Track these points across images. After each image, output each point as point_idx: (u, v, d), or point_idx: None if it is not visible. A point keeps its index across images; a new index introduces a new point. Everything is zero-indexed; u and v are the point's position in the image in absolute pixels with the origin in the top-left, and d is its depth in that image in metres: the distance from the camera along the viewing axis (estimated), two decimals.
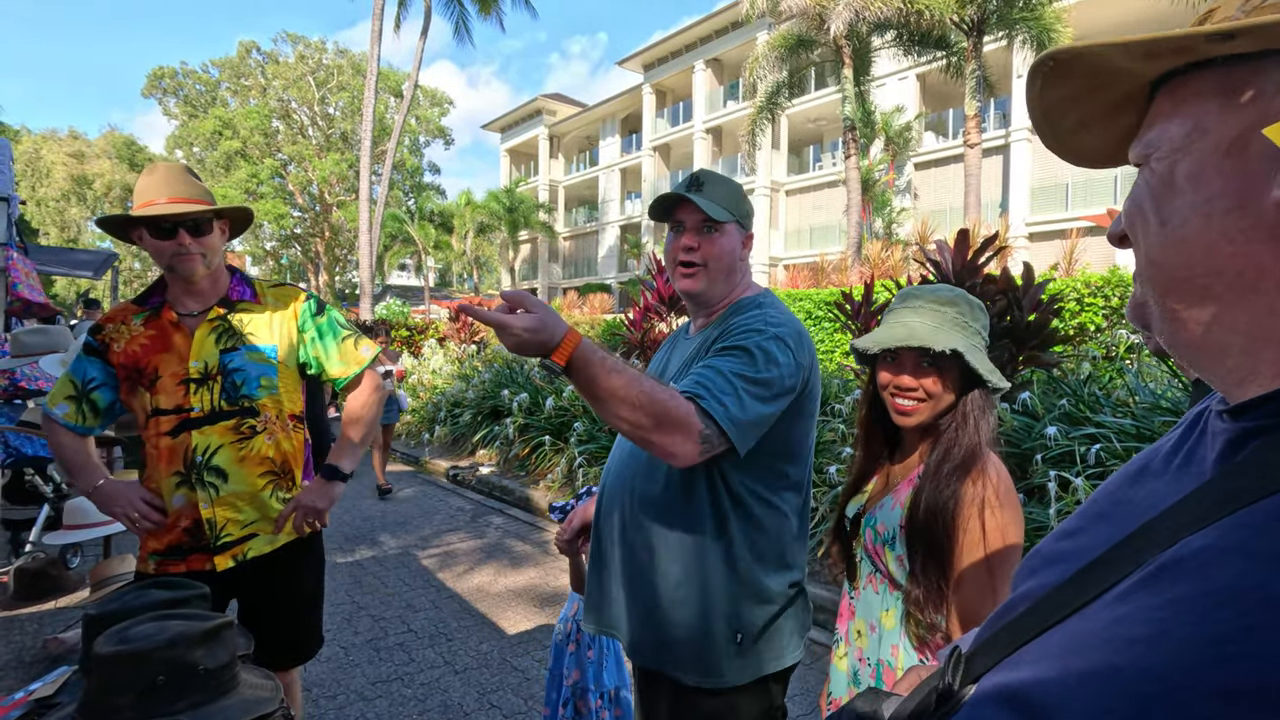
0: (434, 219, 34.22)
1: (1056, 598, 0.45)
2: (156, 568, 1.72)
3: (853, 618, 1.34)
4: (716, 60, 28.16)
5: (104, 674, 1.11)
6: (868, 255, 14.21)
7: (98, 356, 1.73)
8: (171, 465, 1.69)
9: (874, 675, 1.26)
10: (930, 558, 1.18)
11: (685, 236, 1.38)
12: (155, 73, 36.93)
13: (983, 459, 1.21)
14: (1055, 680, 0.39)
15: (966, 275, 4.60)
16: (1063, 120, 0.49)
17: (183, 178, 1.71)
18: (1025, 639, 0.45)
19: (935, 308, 1.26)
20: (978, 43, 14.61)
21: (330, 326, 1.89)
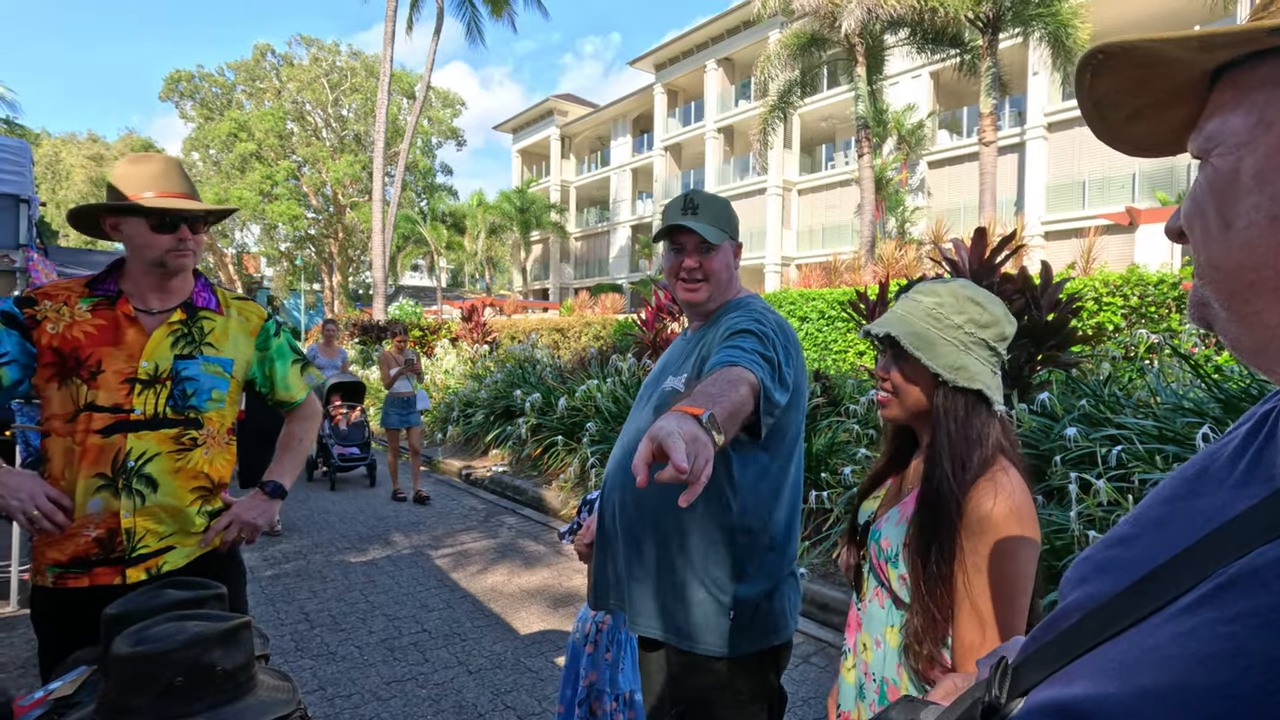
0: (446, 220, 34.38)
1: (1112, 609, 0.43)
2: (55, 581, 1.54)
3: (859, 630, 1.29)
4: (728, 59, 28.10)
5: (122, 674, 1.11)
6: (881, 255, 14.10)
7: (18, 330, 1.54)
8: (95, 466, 1.54)
9: (878, 691, 1.21)
10: (930, 583, 1.08)
11: (687, 258, 1.56)
12: (172, 76, 37.34)
13: (991, 468, 1.10)
14: (1116, 697, 0.37)
15: (983, 274, 4.55)
16: (1115, 111, 0.47)
17: (180, 173, 1.68)
18: (1079, 652, 0.43)
19: (915, 298, 1.21)
20: (993, 40, 14.47)
21: (285, 350, 1.87)
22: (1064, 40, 13.91)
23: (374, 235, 20.27)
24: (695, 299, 1.58)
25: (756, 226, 26.46)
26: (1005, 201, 19.14)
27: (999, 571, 1.04)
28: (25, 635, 3.42)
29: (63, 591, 1.55)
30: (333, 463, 7.06)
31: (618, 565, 1.56)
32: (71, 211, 1.67)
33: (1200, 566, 0.39)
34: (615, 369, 7.40)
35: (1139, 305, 7.10)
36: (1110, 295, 7.31)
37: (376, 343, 16.16)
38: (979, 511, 1.06)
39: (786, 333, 1.48)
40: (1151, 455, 3.25)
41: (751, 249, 26.47)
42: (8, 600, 3.72)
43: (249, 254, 41.24)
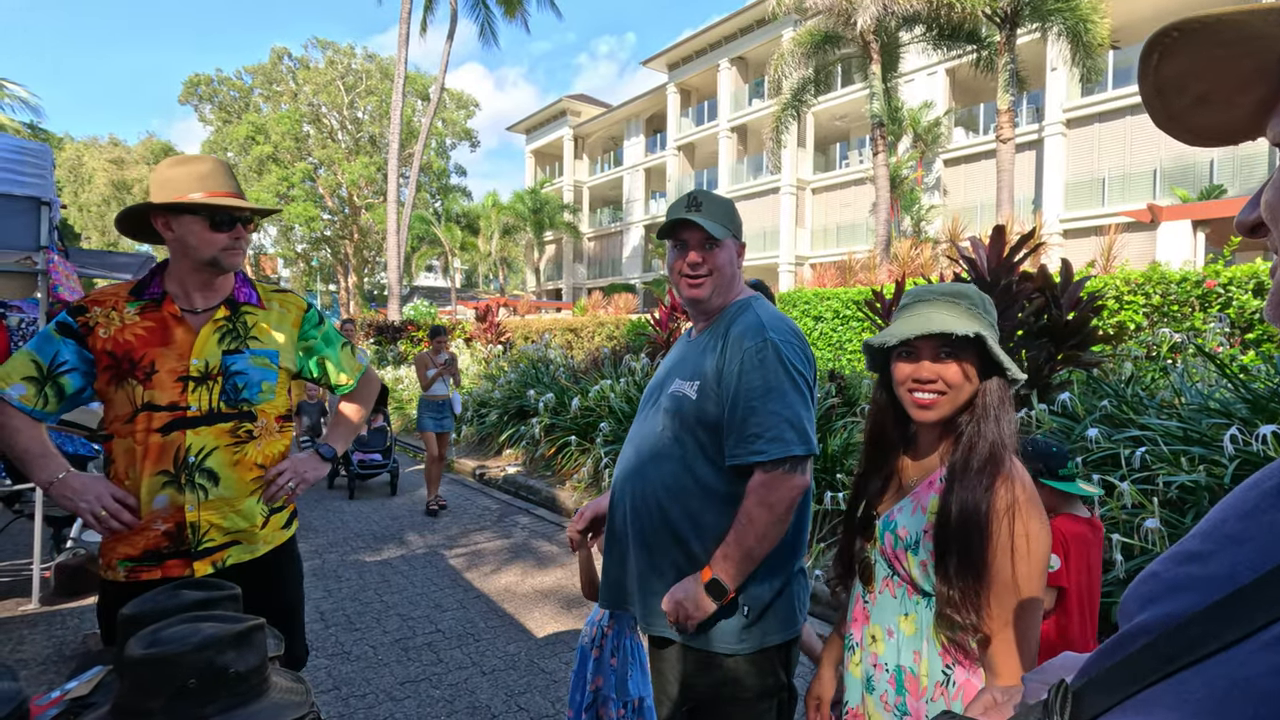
0: (460, 220, 34.56)
1: (1190, 632, 0.39)
2: (128, 575, 1.60)
3: (867, 622, 1.30)
4: (741, 58, 27.99)
5: (135, 676, 1.10)
6: (896, 253, 13.99)
7: (73, 339, 1.60)
8: (158, 464, 1.59)
9: (893, 681, 1.23)
10: (964, 562, 1.14)
11: (690, 253, 1.56)
12: (191, 80, 37.84)
13: (1010, 459, 1.17)
14: None
15: (1002, 273, 4.49)
16: (1179, 97, 0.45)
17: (228, 173, 1.72)
18: (1153, 678, 0.40)
19: (949, 300, 1.24)
20: (1011, 35, 14.30)
21: (332, 335, 1.93)
22: (1083, 35, 13.71)
23: (389, 236, 20.41)
24: (699, 295, 1.57)
25: (770, 226, 26.33)
26: (1023, 199, 18.90)
27: (1032, 554, 1.12)
28: (47, 633, 3.46)
29: (135, 584, 1.59)
30: (352, 469, 6.75)
31: (627, 565, 1.59)
32: (124, 211, 1.70)
33: None
34: (629, 369, 7.38)
35: (1161, 304, 6.97)
36: (1132, 294, 7.19)
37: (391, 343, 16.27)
38: (1007, 498, 1.14)
39: (799, 344, 1.50)
40: (1177, 457, 3.18)
41: (765, 248, 26.34)
42: (30, 598, 3.78)
43: (266, 255, 41.68)
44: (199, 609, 1.34)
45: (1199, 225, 12.24)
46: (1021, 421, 4.05)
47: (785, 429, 1.39)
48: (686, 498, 1.49)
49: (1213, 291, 6.68)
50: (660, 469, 1.52)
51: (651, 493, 1.52)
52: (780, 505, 1.39)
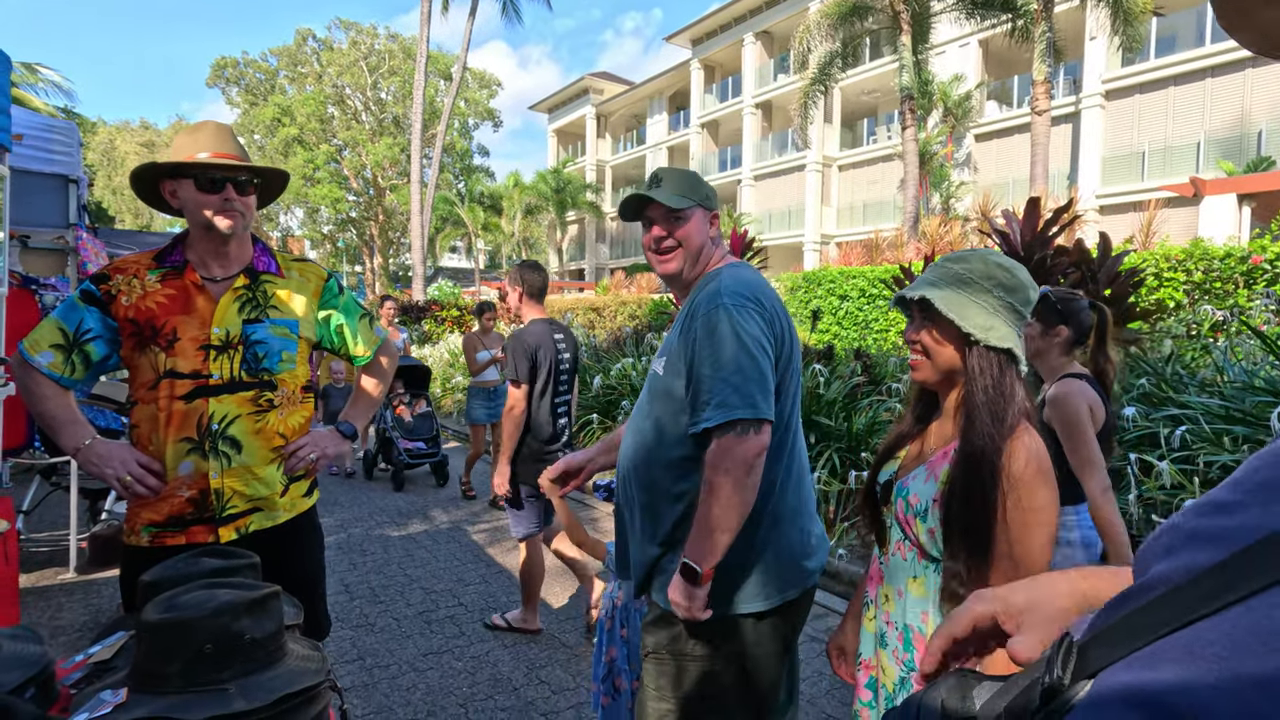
0: (483, 201, 34.56)
1: (1209, 583, 0.36)
2: (152, 540, 1.62)
3: (881, 582, 1.35)
4: (766, 33, 27.41)
5: (153, 640, 1.11)
6: (925, 231, 13.68)
7: (97, 306, 1.61)
8: (182, 430, 1.60)
9: (901, 638, 1.27)
10: (969, 535, 1.15)
11: (655, 228, 1.57)
12: (218, 63, 38.16)
13: (1017, 426, 1.16)
14: (1214, 687, 0.32)
15: (1036, 247, 4.35)
16: None
17: (229, 138, 1.70)
18: (1164, 630, 0.37)
19: (945, 265, 1.25)
20: (1048, 3, 13.76)
21: (352, 306, 1.91)
22: (1125, 2, 13.15)
23: (413, 217, 20.51)
24: (670, 269, 1.56)
25: (795, 204, 25.93)
26: (1058, 174, 18.34)
27: (1031, 525, 1.12)
28: (84, 601, 3.56)
29: (159, 550, 1.60)
30: (399, 459, 6.20)
31: (630, 536, 1.63)
32: (133, 175, 1.69)
33: None
34: (650, 348, 7.34)
35: (1203, 280, 6.72)
36: (1172, 270, 6.94)
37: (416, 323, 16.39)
38: (1012, 469, 1.13)
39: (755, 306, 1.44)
40: (1219, 436, 3.06)
41: (790, 227, 25.97)
42: (67, 567, 3.89)
43: (293, 237, 42.21)
44: (218, 576, 1.34)
45: (1245, 199, 11.74)
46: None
47: (729, 393, 1.37)
48: (659, 470, 1.51)
49: (1259, 268, 6.42)
50: (645, 445, 1.55)
51: (641, 467, 1.56)
52: (737, 469, 1.35)
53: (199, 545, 1.60)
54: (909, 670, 1.25)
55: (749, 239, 7.58)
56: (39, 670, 1.24)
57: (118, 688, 1.10)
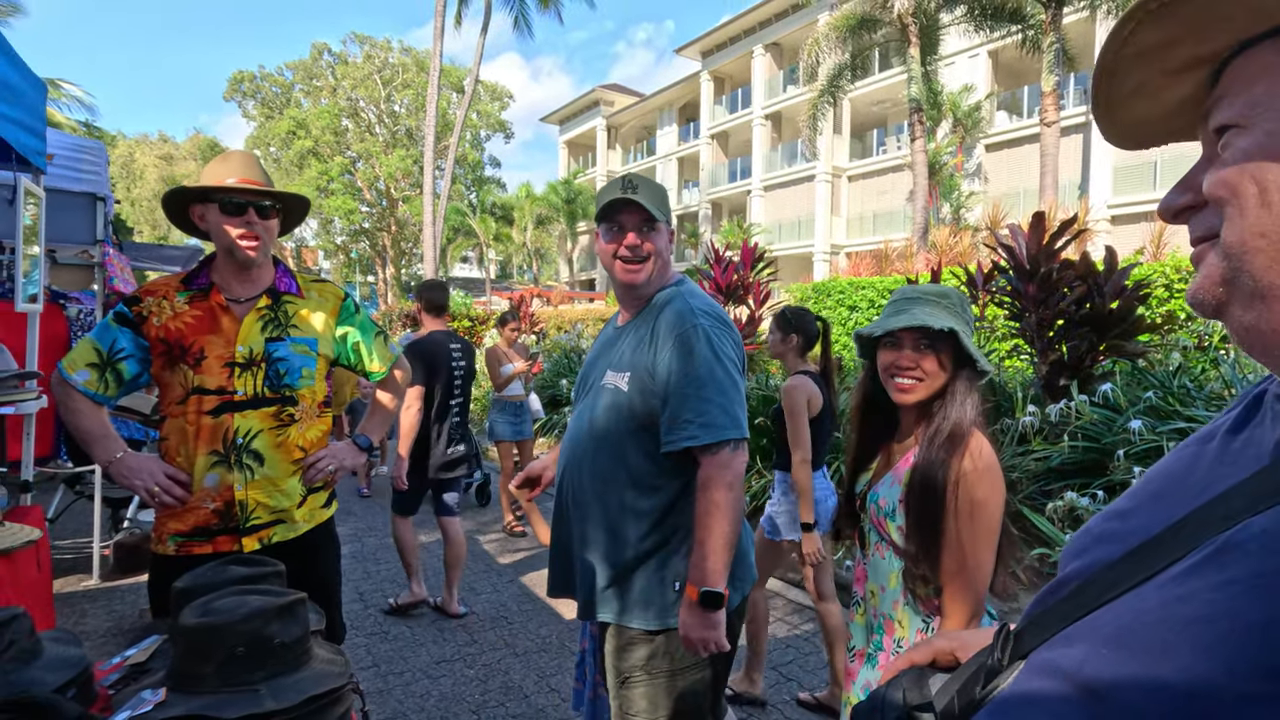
0: (495, 212, 34.88)
1: (1108, 576, 0.45)
2: (178, 549, 1.69)
3: (866, 580, 1.51)
4: (776, 45, 27.59)
5: (189, 643, 1.17)
6: (934, 241, 13.70)
7: (130, 327, 1.71)
8: (209, 444, 1.68)
9: (880, 626, 1.45)
10: (924, 526, 1.31)
11: (629, 235, 1.54)
12: (235, 77, 38.83)
13: (969, 436, 1.33)
14: (1107, 659, 0.40)
15: (1042, 260, 4.38)
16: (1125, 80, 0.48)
17: (255, 166, 1.79)
18: (1077, 616, 0.46)
19: (933, 299, 1.41)
20: (1057, 14, 13.80)
21: (368, 324, 2.00)
22: None
23: (425, 228, 20.72)
24: (636, 280, 1.55)
25: (805, 214, 25.99)
26: (1068, 185, 18.30)
27: (976, 517, 1.29)
28: (107, 607, 3.65)
29: (186, 558, 1.68)
30: None
31: (572, 553, 1.61)
32: (164, 199, 1.78)
33: (1191, 537, 0.41)
34: None
35: None
36: (1182, 281, 6.94)
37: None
38: (963, 469, 1.30)
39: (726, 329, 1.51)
40: None
41: (800, 237, 26.02)
42: (91, 574, 3.98)
43: (307, 248, 42.71)
44: (246, 583, 1.41)
45: None
46: (1061, 412, 3.96)
47: (717, 413, 1.41)
48: (620, 488, 1.50)
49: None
50: (594, 460, 1.54)
51: (588, 483, 1.54)
52: (737, 483, 1.42)
53: (224, 554, 1.66)
54: (877, 649, 1.44)
55: (759, 250, 7.63)
56: (80, 671, 1.31)
57: (157, 688, 1.17)
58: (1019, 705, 0.46)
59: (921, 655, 0.73)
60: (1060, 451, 3.82)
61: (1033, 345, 4.57)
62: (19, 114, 2.19)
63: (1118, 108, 0.50)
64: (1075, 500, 3.24)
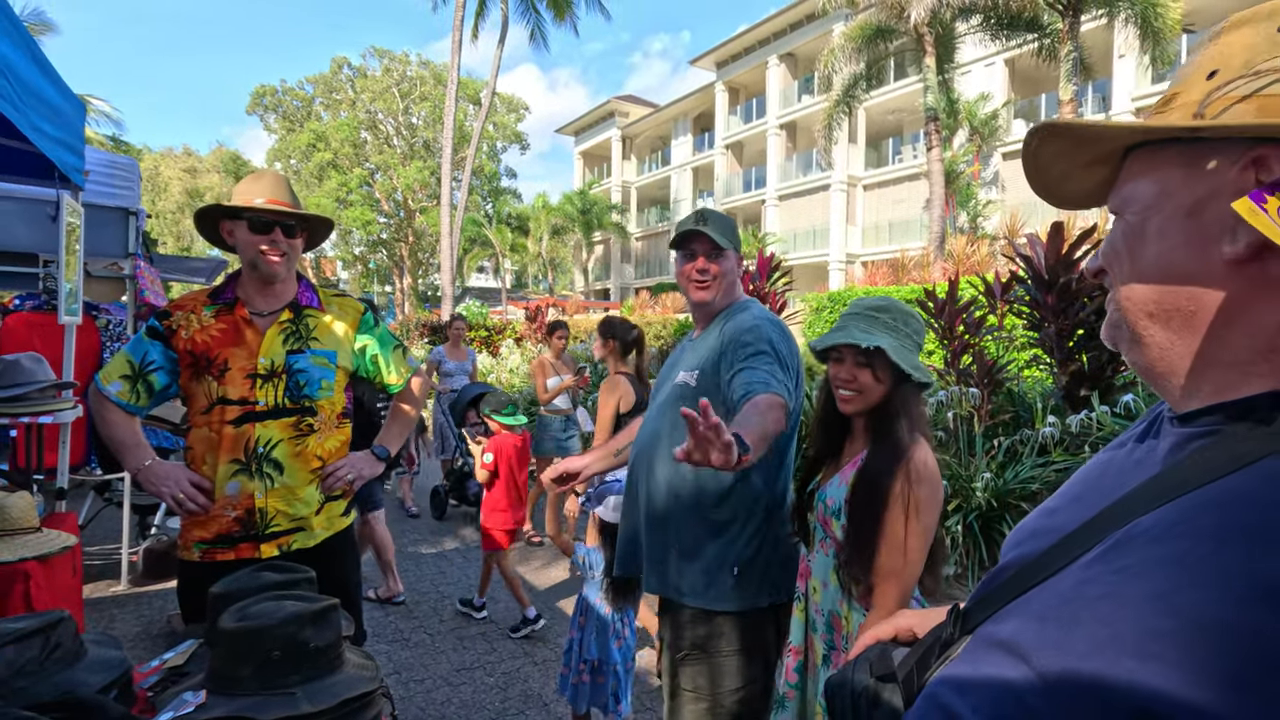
0: (511, 222, 35.15)
1: (1036, 565, 0.55)
2: (202, 556, 1.75)
3: (810, 576, 1.61)
4: (790, 55, 27.66)
5: (227, 647, 1.21)
6: (951, 251, 13.62)
7: (160, 340, 1.78)
8: (231, 453, 1.74)
9: (825, 623, 1.54)
10: (864, 526, 1.42)
11: (700, 259, 1.78)
12: (258, 91, 39.57)
13: (911, 445, 1.44)
14: (1033, 629, 0.49)
15: (1060, 270, 4.36)
16: (1050, 170, 0.61)
17: (284, 186, 1.86)
18: (1011, 597, 0.55)
19: (870, 315, 1.51)
20: (1074, 23, 13.73)
21: (386, 337, 2.04)
22: (1153, 20, 13.07)
23: (442, 239, 20.94)
24: (705, 297, 1.78)
25: (820, 224, 25.95)
26: None
27: (915, 520, 1.40)
28: (135, 611, 3.72)
29: (210, 565, 1.74)
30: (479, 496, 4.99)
31: (639, 537, 1.80)
32: (196, 215, 1.85)
33: (1099, 531, 0.50)
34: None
35: None
36: None
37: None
38: (908, 474, 1.41)
39: (786, 337, 1.71)
40: None
41: (815, 246, 25.97)
42: (119, 580, 4.06)
43: (326, 258, 43.26)
44: (279, 589, 1.45)
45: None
46: (1083, 423, 3.93)
47: (772, 380, 1.54)
48: (685, 475, 1.68)
49: None
50: (664, 449, 1.71)
51: (662, 475, 1.72)
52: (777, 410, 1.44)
53: (246, 560, 1.71)
54: (830, 649, 1.54)
55: (775, 260, 7.64)
56: (121, 673, 1.35)
57: (197, 689, 1.21)
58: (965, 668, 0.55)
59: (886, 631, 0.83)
60: (1081, 463, 3.79)
61: (1052, 355, 4.54)
62: (61, 133, 2.28)
63: (1053, 188, 0.63)
64: None
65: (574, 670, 2.46)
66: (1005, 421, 4.56)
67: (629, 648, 2.56)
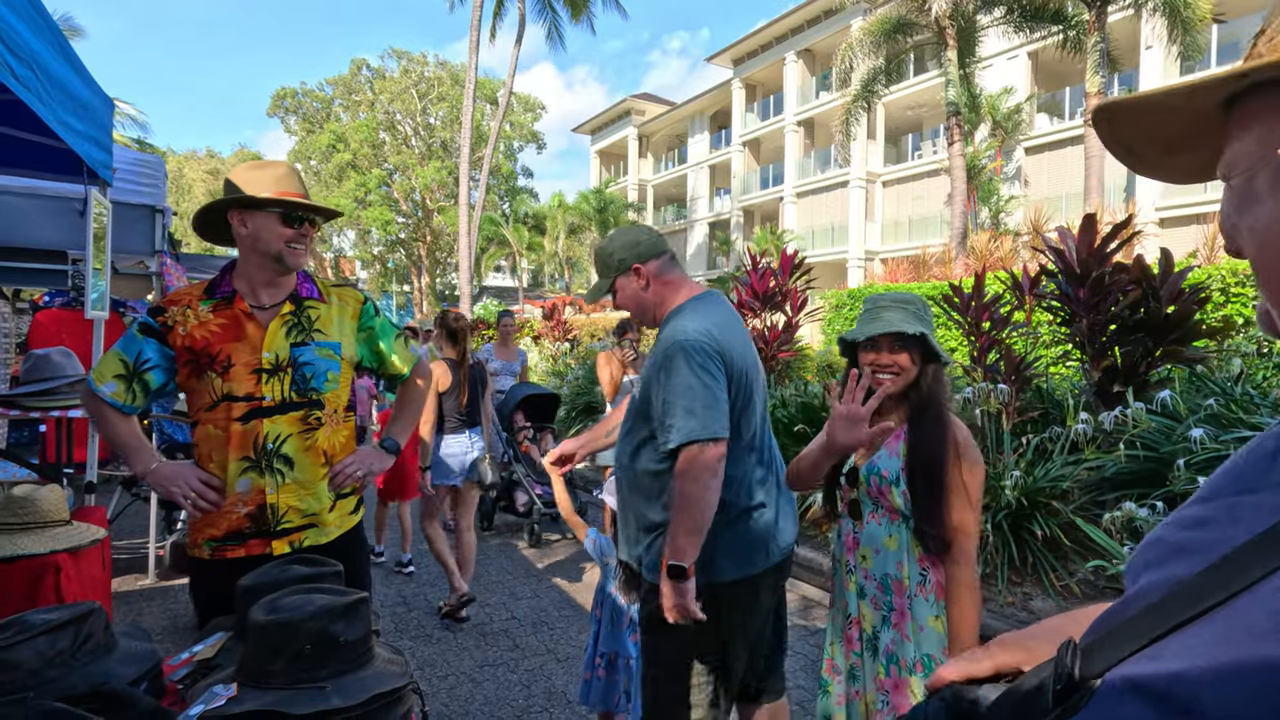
0: (528, 221, 35.27)
1: (1198, 589, 0.43)
2: (212, 554, 1.73)
3: (858, 547, 1.74)
4: (808, 51, 27.45)
5: (258, 640, 1.20)
6: (974, 246, 13.43)
7: (154, 337, 1.72)
8: (241, 450, 1.71)
9: (880, 587, 1.68)
10: (932, 486, 1.60)
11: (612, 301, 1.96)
12: (278, 93, 40.08)
13: (950, 414, 1.66)
14: (1206, 672, 0.38)
15: (1093, 264, 4.26)
16: (1147, 151, 0.53)
17: (299, 177, 1.83)
18: (1163, 631, 0.44)
19: (900, 305, 1.68)
20: (1101, 13, 13.47)
21: (388, 326, 2.00)
22: (1181, 10, 12.79)
23: (460, 238, 21.05)
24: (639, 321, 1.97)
25: (838, 220, 25.73)
26: (1113, 188, 17.77)
27: (974, 474, 1.62)
28: (162, 605, 3.76)
29: (220, 562, 1.72)
30: (531, 507, 5.16)
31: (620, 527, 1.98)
32: (204, 208, 1.79)
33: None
34: None
35: None
36: (1239, 286, 6.68)
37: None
38: (956, 438, 1.63)
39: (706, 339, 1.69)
40: None
41: (833, 243, 25.77)
42: (146, 574, 4.11)
43: (345, 258, 43.71)
44: (308, 583, 1.44)
45: None
46: (1117, 420, 3.83)
47: (686, 419, 1.64)
48: (647, 477, 1.79)
49: None
50: (630, 457, 1.86)
51: (628, 473, 1.87)
52: (703, 475, 1.63)
53: (256, 557, 1.69)
54: (889, 610, 1.66)
55: (799, 258, 7.55)
56: (151, 666, 1.35)
57: (228, 683, 1.20)
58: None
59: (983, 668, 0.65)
60: (1115, 460, 3.69)
61: (1084, 351, 4.44)
62: (90, 129, 2.29)
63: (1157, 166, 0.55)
64: (1134, 511, 3.12)
65: (590, 664, 2.43)
66: (1034, 419, 4.47)
67: None
